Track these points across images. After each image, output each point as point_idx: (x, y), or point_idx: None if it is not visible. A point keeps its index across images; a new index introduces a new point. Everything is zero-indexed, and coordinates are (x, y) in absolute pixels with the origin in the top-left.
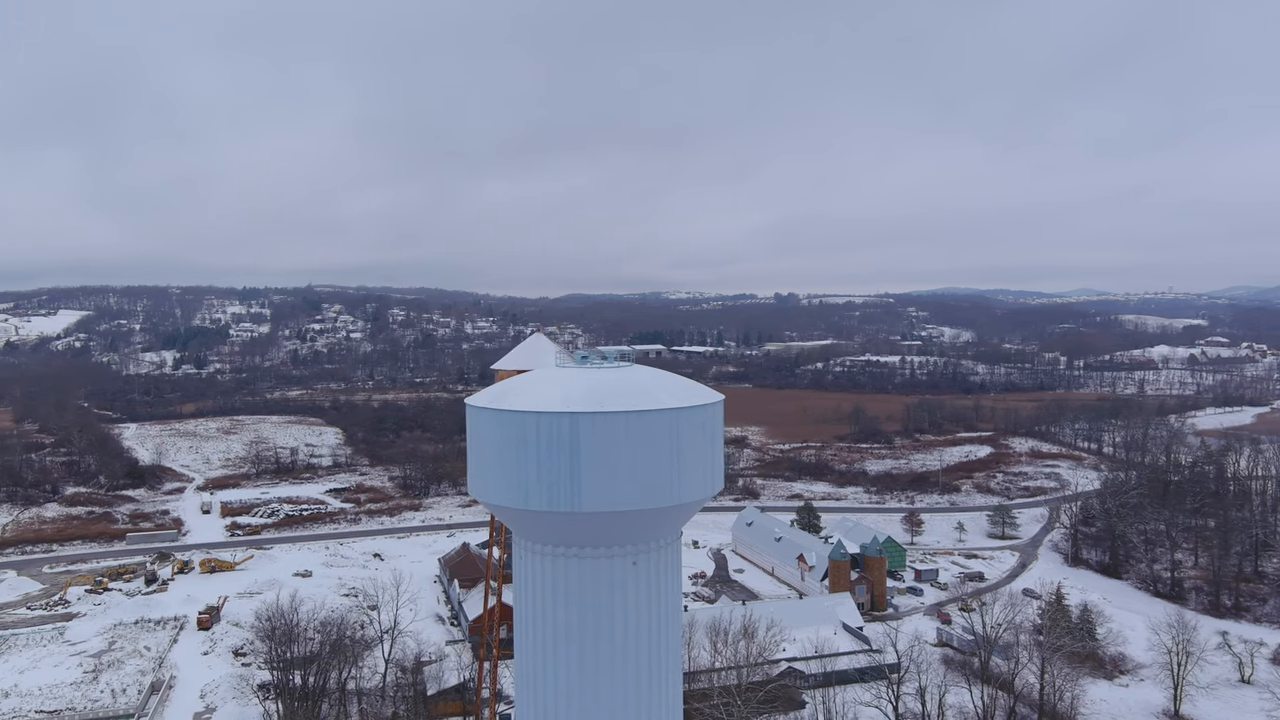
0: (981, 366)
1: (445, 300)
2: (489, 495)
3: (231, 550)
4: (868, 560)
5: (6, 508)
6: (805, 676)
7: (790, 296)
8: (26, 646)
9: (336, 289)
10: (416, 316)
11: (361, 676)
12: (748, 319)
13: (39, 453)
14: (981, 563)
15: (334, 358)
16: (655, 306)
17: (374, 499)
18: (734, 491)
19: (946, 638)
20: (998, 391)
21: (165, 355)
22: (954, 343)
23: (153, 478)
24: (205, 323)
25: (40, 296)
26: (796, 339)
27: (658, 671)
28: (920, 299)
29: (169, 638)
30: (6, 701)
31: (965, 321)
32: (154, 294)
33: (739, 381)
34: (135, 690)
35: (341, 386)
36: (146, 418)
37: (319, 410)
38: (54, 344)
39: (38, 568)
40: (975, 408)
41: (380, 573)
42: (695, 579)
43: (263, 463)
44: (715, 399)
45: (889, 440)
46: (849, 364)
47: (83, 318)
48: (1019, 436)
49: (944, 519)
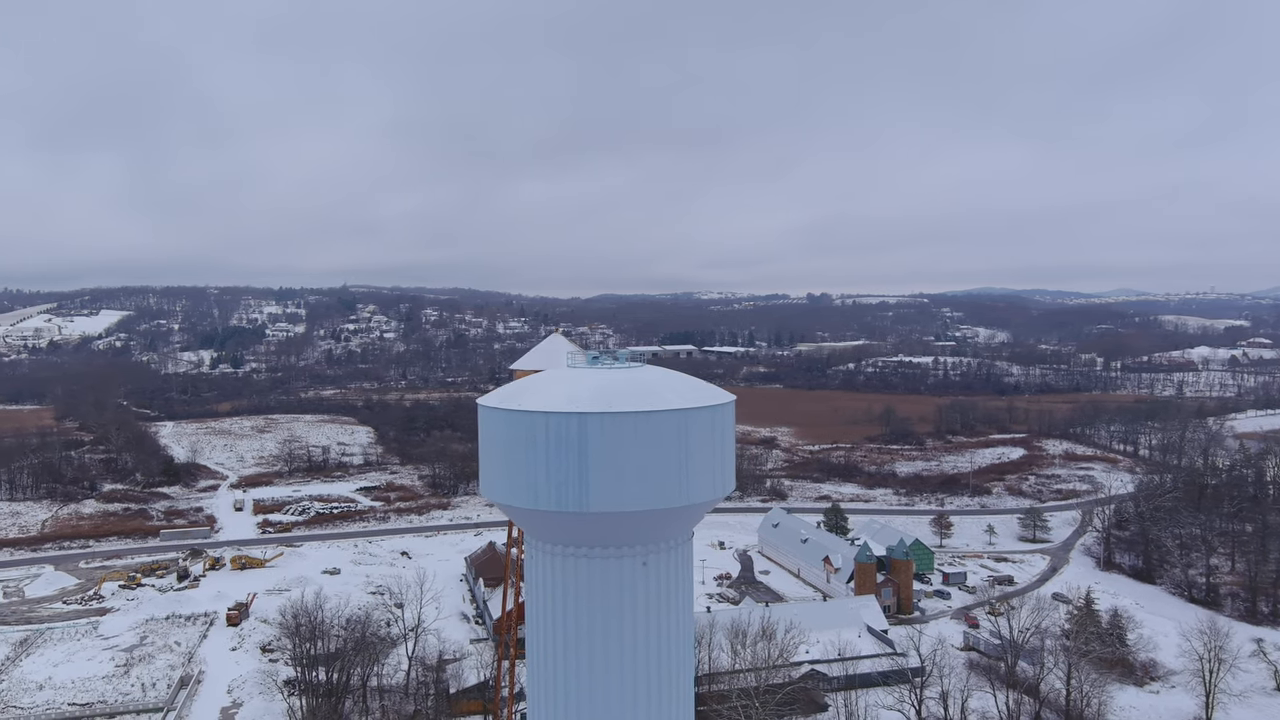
0: (1016, 367)
1: (478, 300)
2: (500, 495)
3: (262, 547)
4: (894, 563)
5: (46, 504)
6: (828, 679)
7: (823, 297)
8: (61, 640)
9: (371, 289)
10: (449, 316)
11: (385, 674)
12: (780, 319)
13: (78, 450)
14: (1011, 566)
15: (367, 357)
16: (687, 307)
17: (403, 497)
18: (761, 492)
19: (973, 642)
20: (1032, 393)
21: (203, 355)
22: (989, 343)
23: (188, 475)
24: (242, 323)
25: (83, 297)
26: (828, 339)
27: (668, 672)
28: (955, 299)
29: (199, 633)
30: (40, 694)
31: (1000, 322)
32: (193, 294)
33: (769, 382)
34: (165, 684)
35: (374, 386)
36: (183, 416)
37: (352, 409)
38: (95, 343)
39: (75, 563)
40: (1009, 409)
41: (407, 571)
42: (720, 580)
43: (295, 461)
44: (725, 399)
45: (920, 442)
46: (881, 365)
47: (123, 318)
48: (1053, 438)
49: (974, 521)
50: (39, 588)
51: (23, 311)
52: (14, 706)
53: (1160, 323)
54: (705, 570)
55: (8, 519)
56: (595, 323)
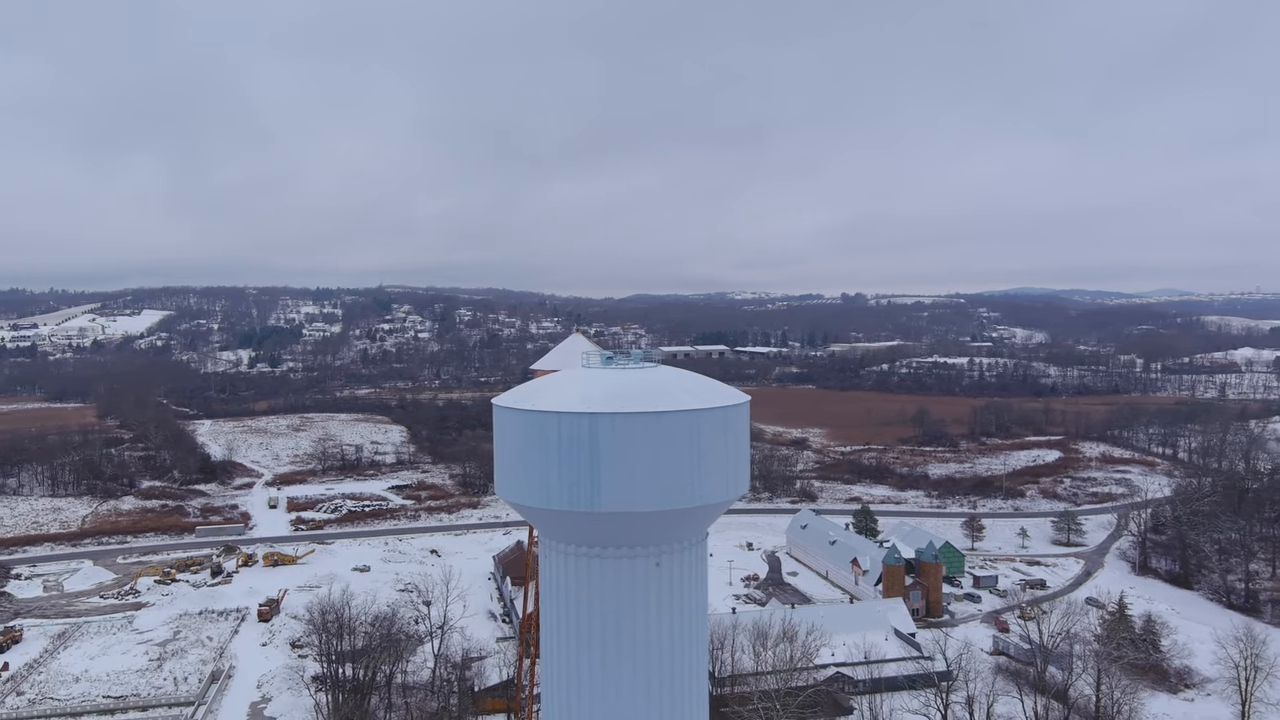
0: (1053, 369)
1: (511, 300)
2: (514, 494)
3: (294, 544)
4: (923, 566)
5: (87, 500)
6: (853, 682)
7: (858, 297)
8: (98, 634)
9: (406, 289)
10: (483, 317)
11: (411, 671)
12: (813, 319)
13: (118, 447)
14: (1044, 570)
15: (402, 357)
16: (720, 307)
17: (434, 496)
18: (791, 494)
19: (1003, 646)
20: (1069, 394)
21: (241, 354)
22: (1026, 344)
23: (224, 473)
24: (280, 323)
25: (126, 297)
26: (862, 340)
27: (682, 672)
28: (992, 299)
29: (230, 628)
30: (77, 686)
31: (1038, 322)
32: (232, 294)
33: (802, 382)
34: (196, 679)
35: (408, 385)
36: (221, 415)
37: (385, 408)
38: (137, 343)
39: (112, 558)
40: (1045, 411)
41: (436, 569)
42: (748, 581)
43: (329, 459)
44: (739, 400)
45: (954, 443)
46: (915, 365)
47: (164, 317)
48: (1090, 441)
49: (1007, 524)
50: (78, 582)
51: (68, 311)
52: (51, 698)
53: (1203, 323)
54: (733, 571)
55: (49, 514)
56: (628, 323)
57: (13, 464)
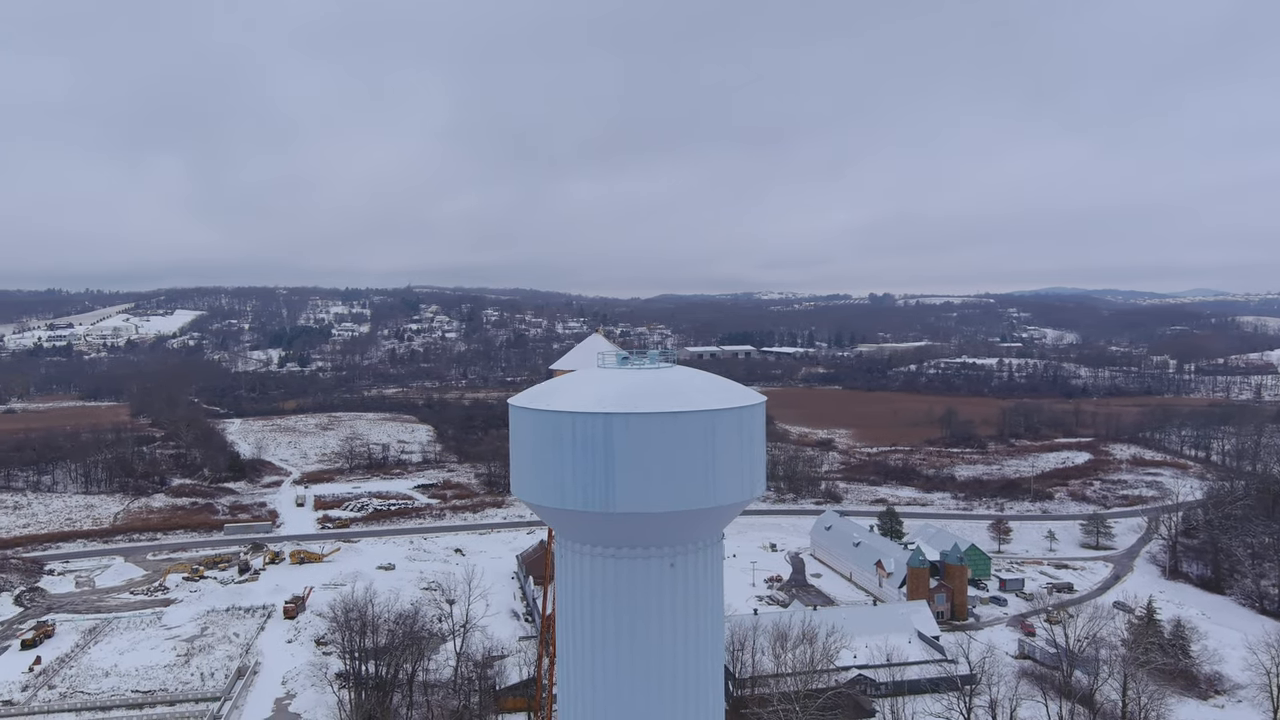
0: (1084, 370)
1: (538, 301)
2: (529, 494)
3: (320, 542)
4: (948, 568)
5: (119, 497)
6: (875, 685)
7: (885, 297)
8: (127, 629)
9: (434, 289)
10: (509, 317)
11: (433, 669)
12: (840, 320)
13: (149, 445)
14: (1072, 573)
15: (429, 357)
16: (747, 307)
17: (459, 495)
18: (816, 495)
19: (1029, 650)
20: (1101, 396)
21: (271, 353)
22: (1056, 345)
23: (253, 471)
24: (310, 322)
25: (159, 297)
26: (890, 340)
27: (697, 674)
28: (1022, 299)
29: (257, 625)
30: (106, 680)
31: (1069, 323)
32: (262, 294)
33: (829, 383)
34: (223, 675)
35: (435, 385)
36: (251, 414)
37: (412, 408)
38: (170, 342)
39: (143, 555)
40: (1075, 412)
41: (460, 568)
42: (771, 582)
43: (356, 458)
44: (755, 400)
45: (982, 445)
46: (944, 366)
47: (197, 317)
48: (1120, 443)
49: (1034, 527)
50: (109, 578)
51: (103, 311)
52: (81, 691)
53: (1238, 324)
54: (756, 572)
55: (83, 511)
56: (654, 323)
57: (47, 461)
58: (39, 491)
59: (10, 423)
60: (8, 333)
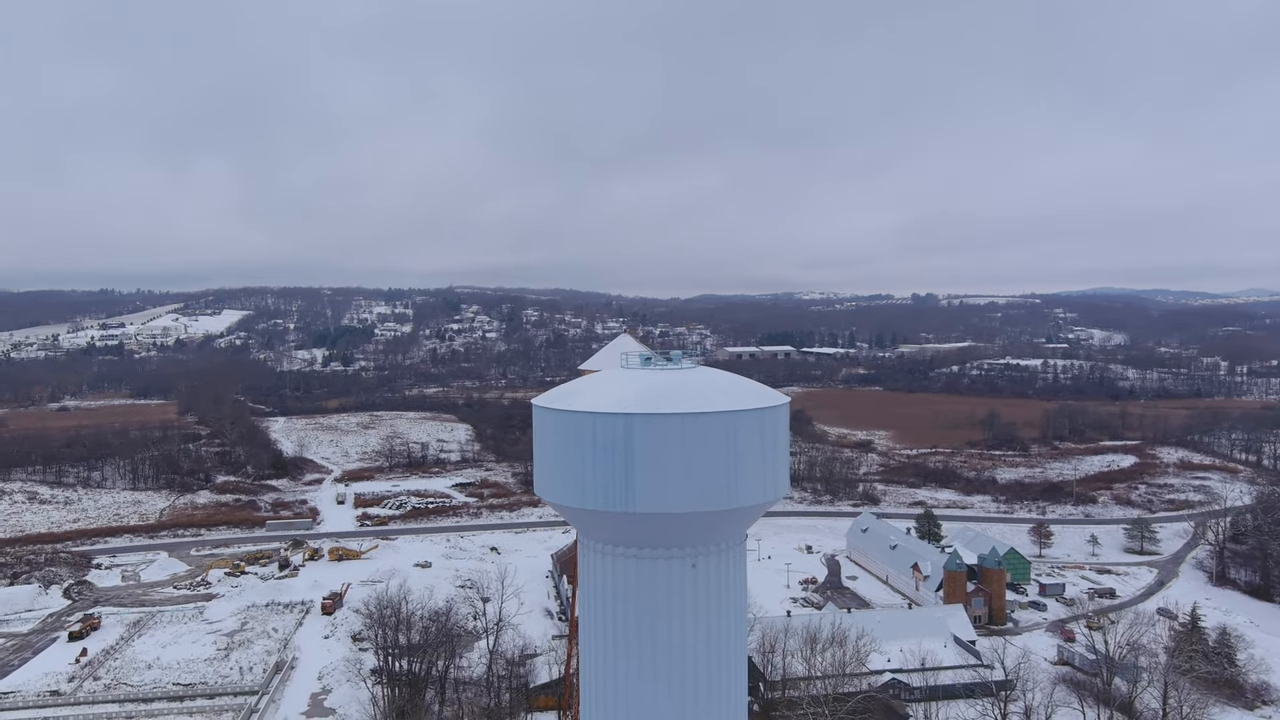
0: (1132, 371)
1: (578, 301)
2: (551, 493)
3: (359, 540)
4: (986, 572)
5: (165, 493)
6: (909, 689)
7: (929, 297)
8: (170, 623)
9: (475, 290)
10: (549, 317)
11: (467, 666)
12: (882, 320)
13: (195, 443)
14: (1114, 579)
15: (470, 356)
16: (787, 307)
17: (496, 494)
18: (853, 497)
19: (1068, 656)
20: (1149, 398)
21: (316, 353)
22: (1104, 346)
23: (295, 469)
24: (353, 322)
25: (207, 297)
26: (932, 341)
27: (719, 676)
28: (1069, 300)
29: (295, 621)
30: (149, 673)
31: (1117, 323)
32: (308, 295)
33: (869, 384)
34: (261, 669)
35: (475, 384)
36: (295, 412)
37: (452, 407)
38: (217, 341)
39: (186, 550)
40: (1121, 415)
41: (495, 566)
42: (805, 584)
43: (395, 457)
44: (778, 401)
45: (1024, 447)
46: (987, 367)
47: (243, 317)
48: (1168, 446)
49: (1076, 531)
50: (153, 573)
51: (153, 311)
52: (125, 683)
53: None
54: (791, 574)
55: (130, 507)
56: (693, 323)
57: (97, 458)
58: (89, 487)
59: (63, 420)
60: (62, 332)
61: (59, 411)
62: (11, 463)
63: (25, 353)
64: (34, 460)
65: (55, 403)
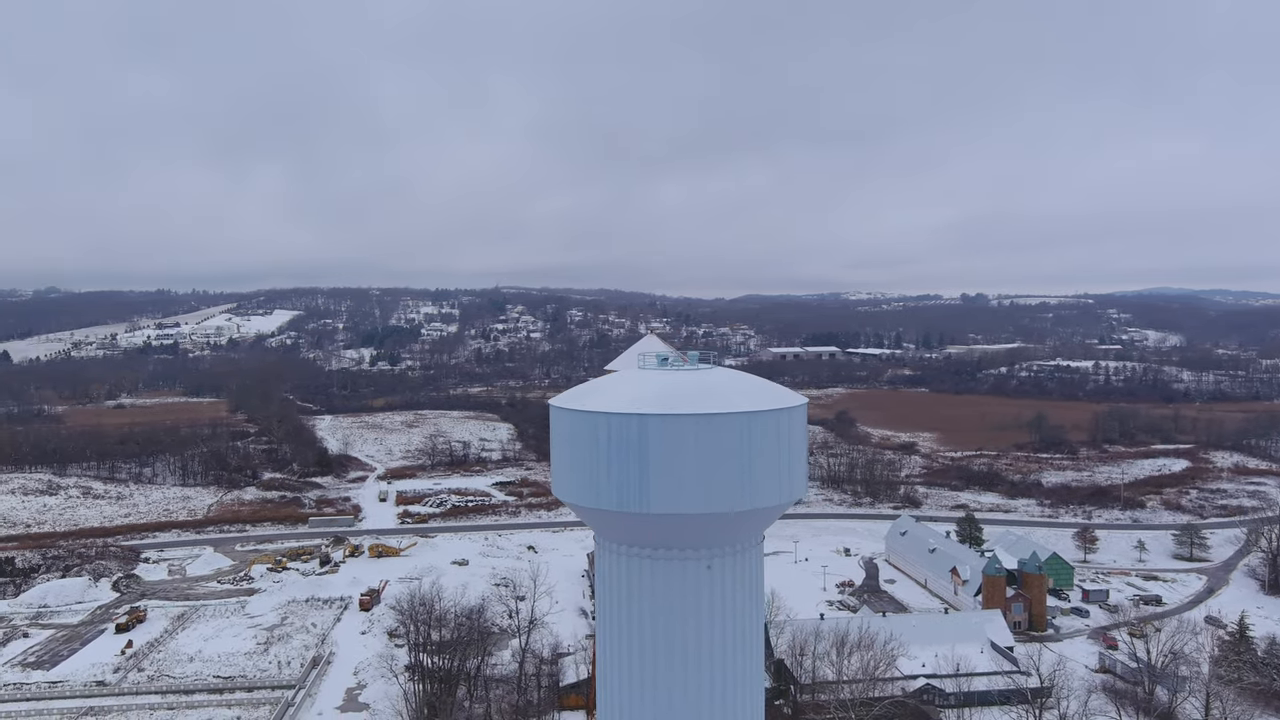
0: (1187, 373)
1: (622, 301)
2: (567, 493)
3: (398, 537)
4: (1026, 577)
5: (213, 489)
6: (943, 694)
7: (979, 297)
8: (213, 617)
9: (521, 290)
10: (593, 317)
11: (499, 664)
12: (929, 320)
13: (243, 441)
14: (1161, 586)
15: (514, 356)
16: (833, 308)
17: (535, 493)
18: (894, 499)
19: (1110, 664)
20: (1204, 401)
21: (364, 352)
22: (1159, 347)
23: (339, 466)
24: (400, 322)
25: (259, 297)
26: (981, 342)
27: (735, 678)
28: (1124, 300)
29: (334, 616)
30: (190, 665)
31: (1173, 324)
32: (356, 295)
33: (914, 385)
34: (299, 663)
35: (519, 384)
36: (342, 410)
37: (495, 406)
38: (269, 341)
39: (231, 545)
40: (1174, 417)
41: (532, 565)
42: (842, 587)
43: (438, 455)
44: (796, 402)
45: (1072, 450)
46: (1036, 369)
47: (294, 317)
48: (1222, 450)
49: (1123, 537)
50: (198, 567)
51: (207, 311)
52: (167, 675)
53: None
54: (827, 577)
55: (179, 503)
56: (737, 323)
57: (149, 454)
58: (140, 483)
59: (118, 417)
60: (120, 331)
61: (115, 409)
62: (68, 458)
63: (85, 351)
64: (89, 456)
65: (112, 400)
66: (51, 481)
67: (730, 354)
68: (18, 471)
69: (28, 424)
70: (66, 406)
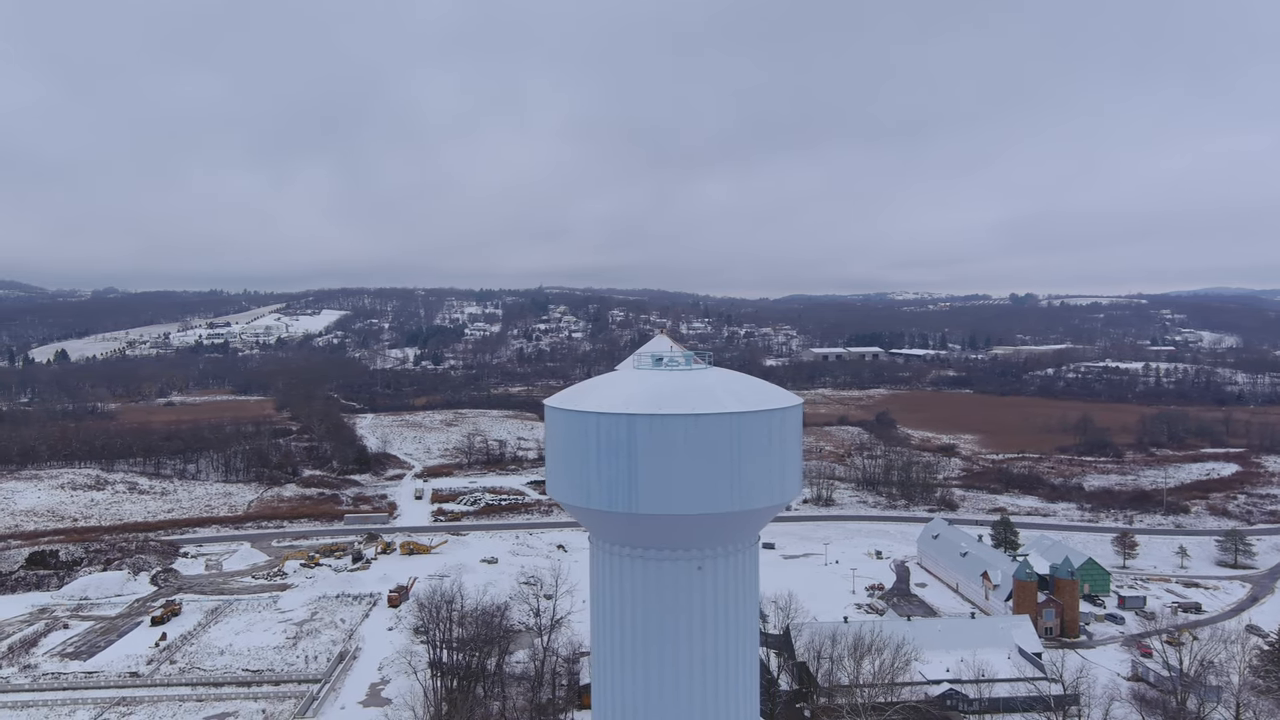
0: (1241, 375)
1: (664, 301)
2: (560, 493)
3: (430, 535)
4: (1058, 582)
5: (254, 486)
6: (967, 700)
7: (1028, 297)
8: (246, 611)
9: (564, 290)
10: (635, 317)
11: (521, 662)
12: (977, 321)
13: (286, 438)
14: (1202, 593)
15: (555, 356)
16: (879, 308)
17: None
18: (930, 502)
19: (1143, 672)
20: (1258, 404)
21: (408, 352)
22: (1214, 349)
23: (378, 464)
24: (445, 322)
25: (307, 297)
26: (1029, 343)
27: (727, 679)
28: (1178, 300)
29: (362, 612)
30: (221, 658)
31: (1229, 325)
32: (402, 295)
33: (959, 387)
34: (326, 658)
35: (559, 384)
36: (384, 409)
37: (534, 406)
38: (316, 340)
39: (268, 541)
40: (1226, 421)
41: (561, 563)
42: (871, 590)
43: (475, 454)
44: (790, 403)
45: (1118, 454)
46: (1084, 370)
47: (341, 317)
48: (1275, 455)
49: (1165, 542)
50: (235, 562)
51: (256, 311)
52: (198, 668)
53: None
54: (856, 580)
55: (220, 499)
56: (779, 323)
57: (193, 451)
58: (184, 479)
59: (166, 415)
60: (173, 331)
61: (165, 406)
62: (116, 454)
63: (139, 350)
64: (136, 453)
65: (163, 398)
66: (99, 477)
67: (771, 354)
68: (68, 467)
69: (80, 421)
70: (119, 404)
